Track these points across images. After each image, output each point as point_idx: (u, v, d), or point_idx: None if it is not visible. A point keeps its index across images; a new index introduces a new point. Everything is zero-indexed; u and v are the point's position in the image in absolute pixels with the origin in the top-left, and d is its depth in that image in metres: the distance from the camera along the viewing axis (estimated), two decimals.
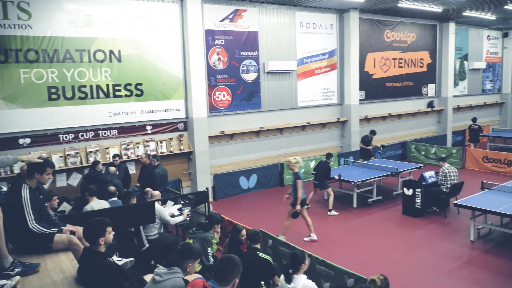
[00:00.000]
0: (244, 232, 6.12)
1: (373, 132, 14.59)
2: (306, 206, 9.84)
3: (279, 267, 6.84)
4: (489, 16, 17.69)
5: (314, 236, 9.09)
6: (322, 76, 15.22)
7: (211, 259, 5.95)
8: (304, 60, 14.61)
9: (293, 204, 8.70)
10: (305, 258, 5.06)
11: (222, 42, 12.57)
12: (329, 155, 11.22)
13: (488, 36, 22.10)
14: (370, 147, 14.40)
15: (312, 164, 14.31)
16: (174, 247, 6.77)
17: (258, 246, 5.70)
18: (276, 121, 14.05)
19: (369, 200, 11.55)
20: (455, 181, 10.48)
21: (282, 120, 14.20)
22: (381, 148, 15.49)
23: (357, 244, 8.84)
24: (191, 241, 5.85)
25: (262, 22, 13.36)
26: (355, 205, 11.25)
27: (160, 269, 3.85)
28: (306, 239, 9.10)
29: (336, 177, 11.12)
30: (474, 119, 18.39)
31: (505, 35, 22.79)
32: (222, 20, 12.49)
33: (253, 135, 13.60)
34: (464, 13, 16.75)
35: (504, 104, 23.41)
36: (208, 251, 5.95)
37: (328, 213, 10.77)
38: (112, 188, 7.80)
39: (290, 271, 5.02)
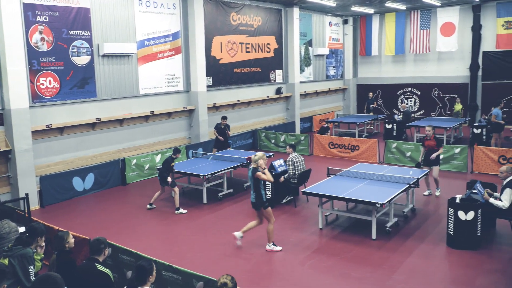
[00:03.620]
0: (71, 236, 5.71)
1: (224, 118, 14.69)
2: (150, 206, 9.63)
3: (120, 279, 6.52)
4: (330, 3, 19.21)
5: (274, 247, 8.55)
6: (166, 61, 14.95)
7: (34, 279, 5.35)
8: (145, 42, 14.15)
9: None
10: (152, 269, 4.84)
11: (45, 19, 11.49)
12: (176, 150, 11.00)
13: (330, 22, 24.09)
14: (222, 138, 14.49)
15: (158, 159, 14.00)
16: None
17: (100, 258, 5.31)
18: (115, 111, 13.39)
19: (220, 194, 11.70)
20: (303, 169, 11.16)
21: (123, 110, 13.60)
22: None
23: (208, 243, 8.86)
24: (6, 260, 5.19)
25: None
26: (205, 201, 11.29)
27: None
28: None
29: (169, 180, 10.65)
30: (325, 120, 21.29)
31: (345, 22, 25.09)
32: None
33: (88, 128, 12.76)
34: None
35: (346, 90, 25.84)
36: (30, 270, 5.32)
37: (176, 211, 10.62)
38: None
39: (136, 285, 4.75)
